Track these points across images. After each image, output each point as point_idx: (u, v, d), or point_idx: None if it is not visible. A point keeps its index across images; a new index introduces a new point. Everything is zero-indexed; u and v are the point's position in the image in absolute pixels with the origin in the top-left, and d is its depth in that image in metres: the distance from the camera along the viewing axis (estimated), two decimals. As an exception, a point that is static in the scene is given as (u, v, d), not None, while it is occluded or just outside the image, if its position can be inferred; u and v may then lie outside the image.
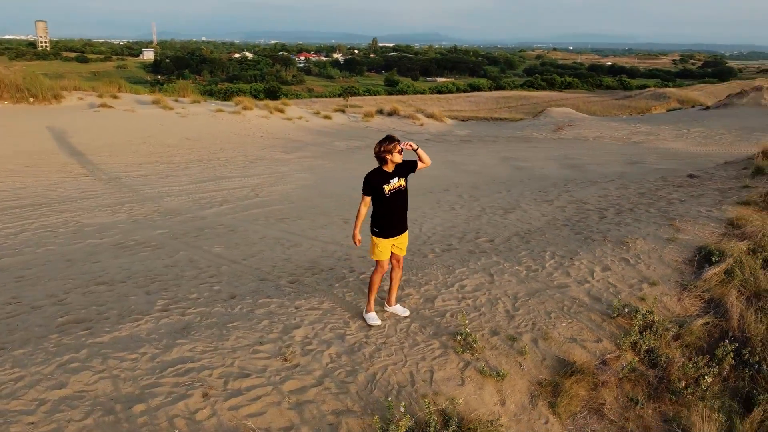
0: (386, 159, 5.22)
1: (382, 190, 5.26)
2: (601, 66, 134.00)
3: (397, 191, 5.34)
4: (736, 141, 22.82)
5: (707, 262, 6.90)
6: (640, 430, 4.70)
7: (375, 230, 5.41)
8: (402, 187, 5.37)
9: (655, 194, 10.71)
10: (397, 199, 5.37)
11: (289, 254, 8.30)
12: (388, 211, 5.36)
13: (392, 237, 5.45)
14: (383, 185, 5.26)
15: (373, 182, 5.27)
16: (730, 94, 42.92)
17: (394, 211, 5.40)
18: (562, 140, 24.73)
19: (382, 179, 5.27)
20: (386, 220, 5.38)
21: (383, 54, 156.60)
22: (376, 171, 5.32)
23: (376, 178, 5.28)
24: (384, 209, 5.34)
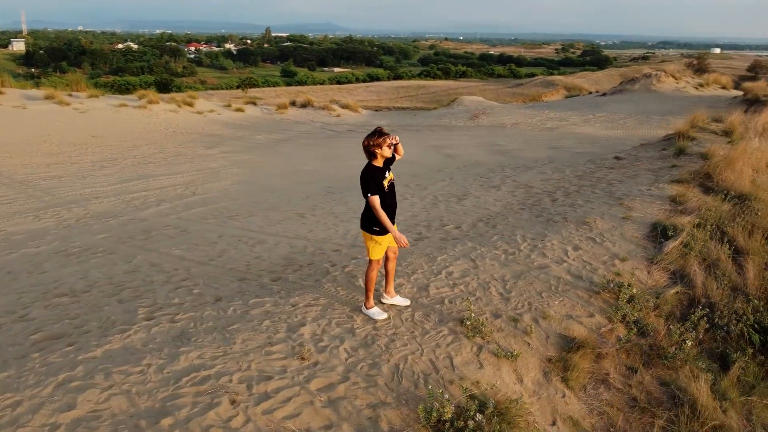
0: (376, 153, 5.16)
1: (382, 186, 5.21)
2: (491, 55, 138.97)
3: (391, 185, 5.32)
4: (638, 124, 24.69)
5: (664, 236, 7.48)
6: (643, 395, 5.05)
7: (375, 229, 5.29)
8: (393, 180, 5.35)
9: (592, 176, 11.41)
10: (392, 193, 5.35)
11: (258, 252, 8.05)
12: (388, 207, 5.29)
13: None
14: (382, 180, 5.21)
15: (376, 178, 5.19)
16: (623, 80, 46.50)
17: (392, 205, 5.36)
18: (482, 127, 25.59)
19: (380, 174, 5.21)
20: (387, 216, 5.31)
21: (278, 44, 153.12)
22: (371, 167, 5.23)
23: (377, 173, 5.21)
24: (384, 205, 5.26)
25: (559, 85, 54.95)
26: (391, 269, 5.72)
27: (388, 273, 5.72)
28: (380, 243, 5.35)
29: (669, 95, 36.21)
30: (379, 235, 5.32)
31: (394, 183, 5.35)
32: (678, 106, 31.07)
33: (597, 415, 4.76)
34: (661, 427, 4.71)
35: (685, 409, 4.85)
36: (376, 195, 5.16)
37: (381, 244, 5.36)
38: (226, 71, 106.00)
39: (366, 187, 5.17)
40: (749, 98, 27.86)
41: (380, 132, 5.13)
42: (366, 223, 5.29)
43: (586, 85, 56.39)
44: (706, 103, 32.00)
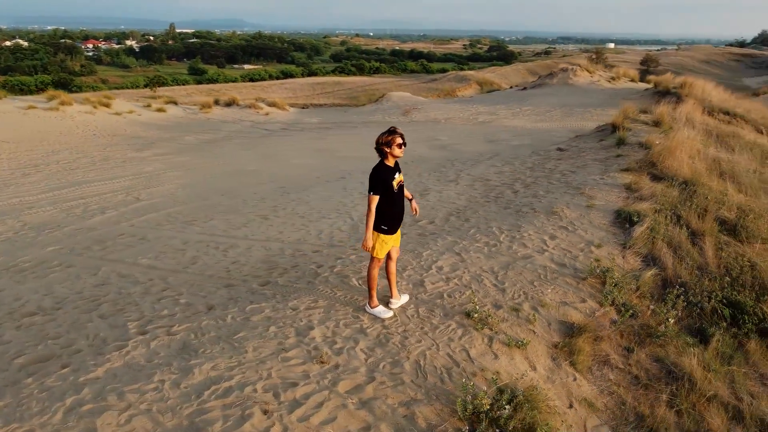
0: (386, 152, 5.18)
1: (391, 186, 5.20)
2: (402, 51, 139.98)
3: (400, 186, 5.33)
4: (563, 117, 25.88)
5: (629, 222, 7.92)
6: (642, 373, 5.35)
7: (383, 228, 5.27)
8: (402, 181, 5.36)
9: (543, 167, 11.87)
10: (401, 193, 5.36)
11: (233, 257, 7.80)
12: (397, 207, 5.31)
13: (396, 232, 5.42)
14: (391, 180, 5.20)
15: (385, 177, 5.18)
16: (541, 75, 48.57)
17: (401, 206, 5.38)
18: (417, 123, 25.94)
19: (390, 174, 5.21)
20: (395, 216, 5.32)
21: (183, 41, 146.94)
22: (382, 166, 5.23)
23: (386, 173, 5.20)
24: (392, 205, 5.26)
25: (471, 80, 56.28)
26: (392, 270, 5.68)
27: (389, 274, 5.67)
28: (386, 242, 5.34)
29: (585, 88, 38.17)
30: (386, 234, 5.30)
31: (403, 184, 5.35)
32: (596, 98, 32.84)
33: (608, 395, 5.00)
34: (666, 401, 5.02)
35: (684, 383, 5.18)
36: (377, 195, 5.15)
37: (387, 243, 5.35)
38: (130, 69, 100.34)
39: (371, 186, 5.15)
40: (660, 90, 29.91)
41: (392, 131, 5.12)
42: (375, 223, 5.25)
43: (497, 80, 58.25)
44: (620, 96, 34.02)
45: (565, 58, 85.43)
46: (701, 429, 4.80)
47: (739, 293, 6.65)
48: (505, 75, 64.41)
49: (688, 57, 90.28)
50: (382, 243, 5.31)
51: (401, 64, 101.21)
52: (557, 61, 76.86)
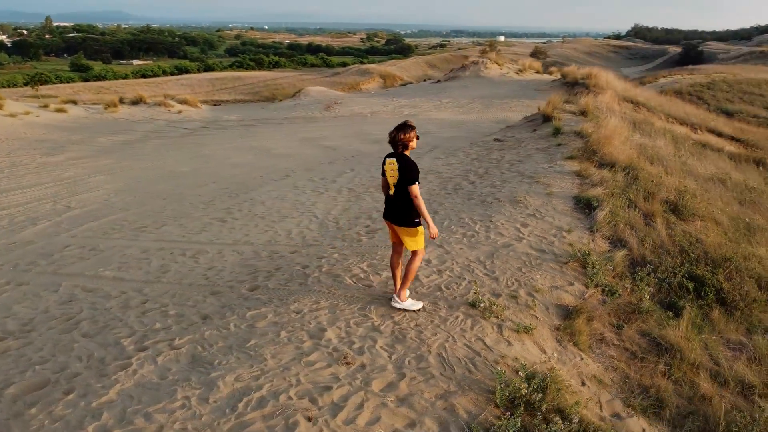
0: (408, 146, 5.22)
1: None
2: (300, 45, 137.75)
3: None
4: (484, 108, 26.78)
5: (589, 207, 8.39)
6: (635, 347, 5.72)
7: (416, 221, 5.28)
8: None
9: (489, 158, 12.27)
10: None
11: (206, 263, 7.47)
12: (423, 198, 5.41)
13: None
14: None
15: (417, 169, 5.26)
16: (454, 68, 49.93)
17: None
18: (343, 118, 25.86)
19: None
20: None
21: (62, 35, 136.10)
22: (411, 158, 5.28)
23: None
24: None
25: (374, 73, 56.53)
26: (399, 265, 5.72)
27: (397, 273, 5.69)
28: (421, 233, 5.36)
29: (497, 80, 39.68)
30: (420, 225, 5.32)
31: None
32: (509, 90, 34.25)
33: (612, 370, 5.31)
34: (662, 372, 5.40)
35: (673, 353, 5.61)
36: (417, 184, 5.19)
37: (422, 234, 5.37)
38: (2, 66, 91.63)
39: (413, 177, 5.15)
40: (569, 81, 31.67)
41: (412, 126, 5.18)
42: (405, 218, 5.25)
43: (398, 73, 58.90)
44: (531, 87, 35.70)
45: (460, 51, 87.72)
46: (696, 394, 5.21)
47: (696, 267, 7.26)
48: (406, 68, 65.15)
49: (573, 49, 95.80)
50: (420, 234, 5.35)
51: (301, 58, 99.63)
52: (454, 54, 78.84)
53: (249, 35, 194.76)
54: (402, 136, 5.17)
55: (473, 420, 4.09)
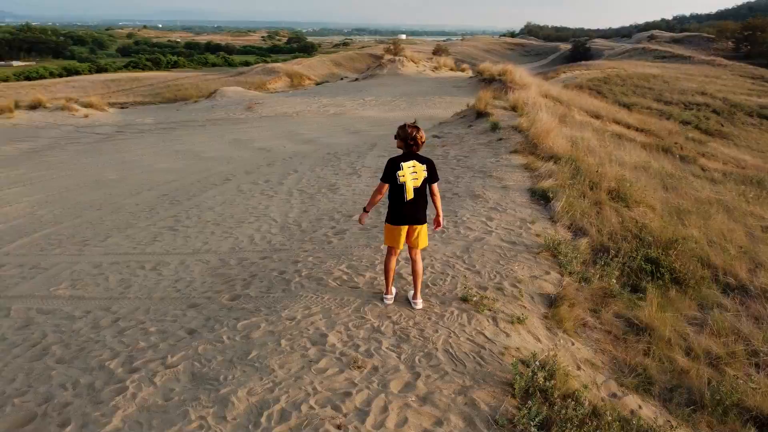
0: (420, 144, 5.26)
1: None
2: (198, 44, 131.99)
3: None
4: (409, 106, 27.13)
5: (544, 199, 8.74)
6: (614, 329, 6.03)
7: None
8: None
9: (434, 155, 12.42)
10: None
11: (171, 275, 7.09)
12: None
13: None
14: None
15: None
16: (370, 65, 50.18)
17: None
18: (268, 118, 25.30)
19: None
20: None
21: None
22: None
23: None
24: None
25: (280, 72, 55.61)
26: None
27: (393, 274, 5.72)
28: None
29: (415, 78, 40.33)
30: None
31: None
32: (429, 87, 34.92)
33: (600, 353, 5.57)
34: (643, 350, 5.74)
35: (650, 332, 5.97)
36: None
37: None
38: None
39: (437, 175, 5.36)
40: (486, 78, 32.74)
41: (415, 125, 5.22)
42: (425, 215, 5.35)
43: (305, 72, 58.37)
44: (450, 84, 36.60)
45: (365, 49, 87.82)
46: (676, 369, 5.59)
47: (650, 250, 7.76)
48: (312, 67, 64.47)
49: (472, 46, 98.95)
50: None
51: (201, 57, 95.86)
52: (359, 53, 78.86)
53: (142, 34, 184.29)
54: (422, 135, 5.20)
55: (495, 412, 4.16)
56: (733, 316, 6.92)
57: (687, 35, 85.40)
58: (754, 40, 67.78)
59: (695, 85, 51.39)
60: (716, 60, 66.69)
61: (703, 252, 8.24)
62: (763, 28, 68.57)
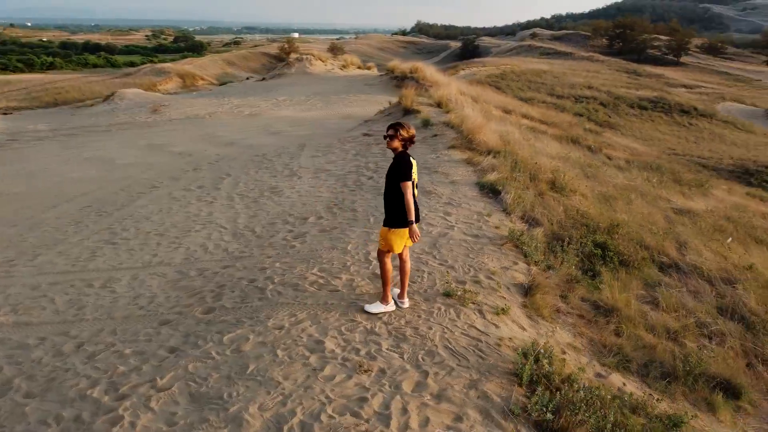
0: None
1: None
2: (75, 43, 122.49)
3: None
4: (326, 105, 26.91)
5: (493, 192, 9.01)
6: (584, 312, 6.35)
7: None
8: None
9: (371, 153, 12.46)
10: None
11: (126, 293, 6.61)
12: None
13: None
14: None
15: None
16: (276, 65, 49.13)
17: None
18: (179, 121, 24.16)
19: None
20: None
21: None
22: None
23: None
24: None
25: (171, 72, 53.01)
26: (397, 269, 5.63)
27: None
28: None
29: (324, 77, 40.08)
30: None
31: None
32: (341, 85, 34.84)
33: (579, 336, 5.85)
34: (613, 331, 6.09)
35: (615, 313, 6.34)
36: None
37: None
38: None
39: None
40: (397, 75, 33.16)
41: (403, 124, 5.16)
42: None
43: (198, 72, 56.19)
44: (362, 82, 36.70)
45: (258, 48, 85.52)
46: (647, 345, 5.98)
47: (596, 235, 8.23)
48: (204, 67, 61.98)
49: (366, 45, 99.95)
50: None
51: (80, 58, 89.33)
52: (252, 51, 76.91)
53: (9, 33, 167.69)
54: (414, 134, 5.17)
55: (508, 403, 4.26)
56: (677, 293, 7.50)
57: (566, 33, 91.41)
58: (625, 37, 73.66)
59: (581, 79, 54.97)
60: (594, 56, 71.92)
61: (637, 235, 8.85)
62: (632, 26, 74.73)
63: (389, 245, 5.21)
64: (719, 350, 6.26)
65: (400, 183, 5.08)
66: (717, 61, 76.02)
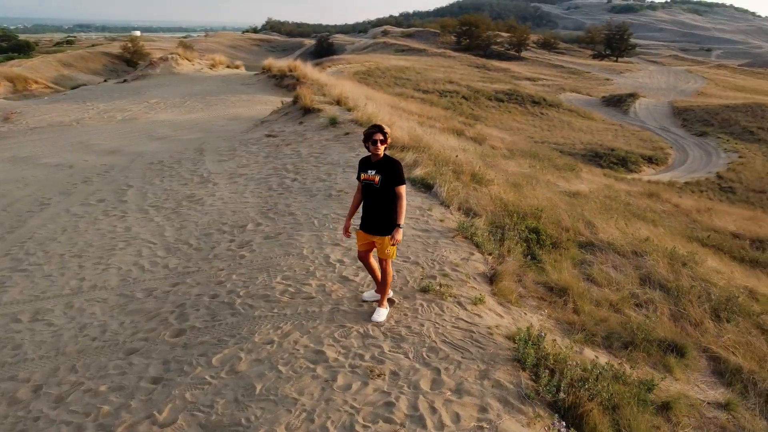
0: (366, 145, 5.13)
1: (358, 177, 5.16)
2: None
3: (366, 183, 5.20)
4: (205, 106, 25.60)
5: (426, 186, 9.21)
6: (541, 294, 6.73)
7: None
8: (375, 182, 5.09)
9: (283, 154, 12.11)
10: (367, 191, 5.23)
11: (70, 323, 5.90)
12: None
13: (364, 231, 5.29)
14: (361, 172, 5.14)
15: (359, 166, 5.12)
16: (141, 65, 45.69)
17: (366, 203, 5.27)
18: (43, 129, 21.70)
19: (363, 166, 5.16)
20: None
21: None
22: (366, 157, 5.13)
23: (361, 163, 5.13)
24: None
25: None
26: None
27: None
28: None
29: (195, 77, 38.11)
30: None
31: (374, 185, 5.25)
32: (215, 85, 33.35)
33: (546, 318, 6.19)
34: (572, 309, 6.53)
35: (567, 291, 6.80)
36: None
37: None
38: None
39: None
40: (275, 74, 32.41)
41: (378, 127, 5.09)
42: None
43: (29, 74, 50.88)
44: (236, 82, 35.40)
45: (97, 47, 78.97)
46: (604, 318, 6.48)
47: (526, 221, 8.74)
48: (36, 69, 55.90)
49: (217, 43, 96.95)
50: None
51: None
52: (91, 51, 71.09)
53: None
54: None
55: (520, 388, 4.44)
56: (605, 268, 8.20)
57: (417, 30, 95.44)
58: (471, 34, 78.32)
59: (442, 75, 57.64)
60: (447, 52, 75.88)
61: (556, 218, 9.54)
62: (477, 24, 79.69)
63: (391, 252, 5.16)
64: (654, 315, 6.95)
65: (399, 186, 5.04)
66: (552, 55, 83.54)
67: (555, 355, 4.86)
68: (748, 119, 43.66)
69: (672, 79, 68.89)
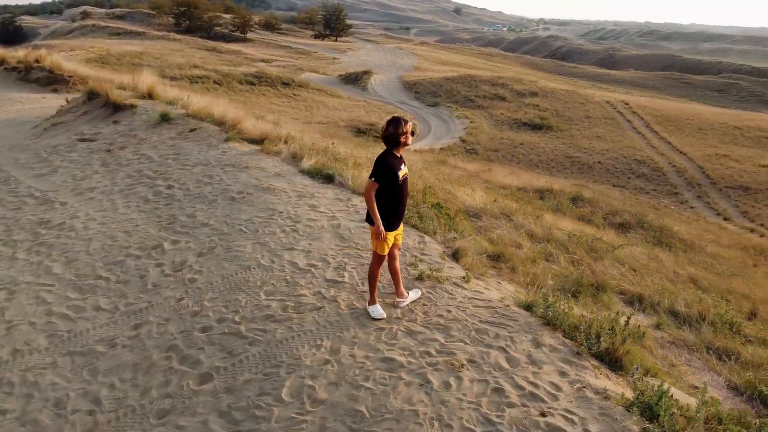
0: (401, 142, 4.94)
1: (397, 176, 4.98)
2: None
3: (405, 179, 5.11)
4: None
5: (326, 177, 9.06)
6: (484, 264, 7.31)
7: (385, 223, 5.01)
8: (407, 174, 5.15)
9: (127, 159, 10.51)
10: (406, 187, 5.15)
11: (49, 394, 4.59)
12: (402, 200, 5.15)
13: (397, 228, 5.21)
14: (398, 171, 4.98)
15: (393, 164, 4.91)
16: None
17: (404, 199, 5.22)
18: None
19: (398, 164, 4.98)
20: (398, 210, 5.11)
21: None
22: (391, 154, 4.92)
23: (394, 161, 4.93)
24: (396, 197, 5.04)
25: None
26: (396, 269, 5.42)
27: (396, 274, 5.43)
28: (390, 239, 5.15)
29: None
30: (391, 230, 5.10)
31: (407, 177, 5.14)
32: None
33: (527, 286, 6.72)
34: (522, 272, 7.27)
35: (504, 257, 7.53)
36: (377, 184, 4.93)
37: (390, 240, 5.15)
38: None
39: (376, 172, 4.92)
40: (17, 67, 26.84)
41: (405, 120, 4.87)
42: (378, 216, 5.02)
43: None
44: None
45: None
46: (538, 273, 7.35)
47: (426, 197, 9.26)
48: None
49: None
50: (385, 238, 5.08)
51: None
52: None
53: None
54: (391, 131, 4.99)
55: (567, 347, 4.99)
56: (500, 231, 9.18)
57: (128, 12, 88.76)
58: (192, 15, 75.58)
59: (182, 59, 55.24)
60: (170, 35, 72.40)
61: (444, 191, 10.29)
62: (196, 5, 76.89)
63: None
64: (566, 263, 8.14)
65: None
66: (276, 36, 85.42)
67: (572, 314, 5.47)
68: (466, 89, 50.81)
69: (390, 56, 76.10)
